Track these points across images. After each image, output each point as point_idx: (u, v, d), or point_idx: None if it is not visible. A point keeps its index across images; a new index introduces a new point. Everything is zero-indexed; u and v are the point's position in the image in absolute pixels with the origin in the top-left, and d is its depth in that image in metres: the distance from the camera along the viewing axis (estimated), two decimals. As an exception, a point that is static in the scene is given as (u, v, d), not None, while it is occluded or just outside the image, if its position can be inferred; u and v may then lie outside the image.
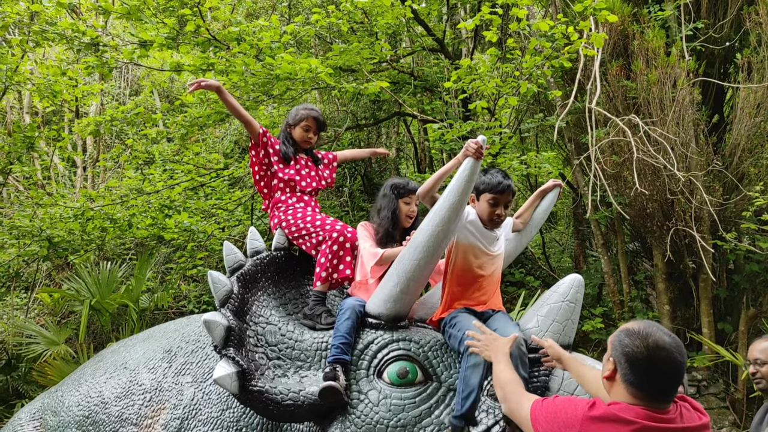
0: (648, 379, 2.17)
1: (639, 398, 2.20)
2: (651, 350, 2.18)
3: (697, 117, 7.54)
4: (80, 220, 8.39)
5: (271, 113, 10.37)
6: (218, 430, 3.44)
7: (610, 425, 2.15)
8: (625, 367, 2.22)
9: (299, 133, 4.23)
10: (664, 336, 2.22)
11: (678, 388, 2.22)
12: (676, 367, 2.17)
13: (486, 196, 3.53)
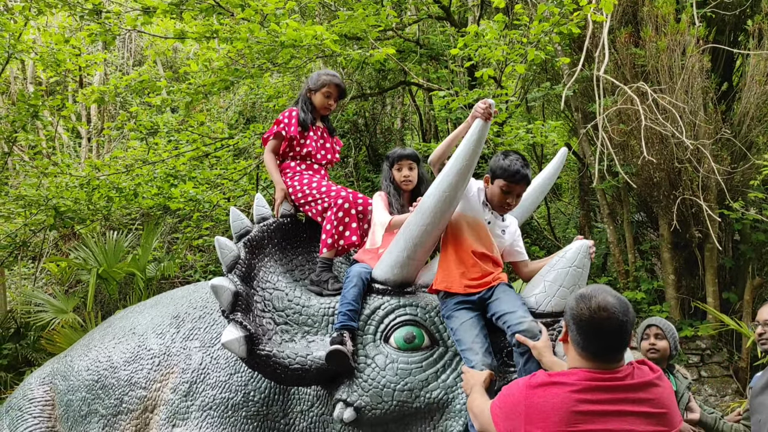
0: (592, 339, 2.26)
1: (586, 359, 2.28)
2: (593, 311, 2.25)
3: (707, 85, 7.46)
4: (86, 190, 8.40)
5: (275, 84, 10.29)
6: (226, 393, 3.47)
7: (550, 388, 2.21)
8: (573, 329, 2.31)
9: (320, 99, 4.19)
10: (608, 297, 2.28)
11: (625, 347, 2.28)
12: (618, 326, 2.24)
13: (500, 182, 3.41)
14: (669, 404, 2.27)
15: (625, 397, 2.19)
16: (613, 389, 2.19)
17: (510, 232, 3.62)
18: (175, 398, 3.55)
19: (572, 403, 2.15)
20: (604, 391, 2.18)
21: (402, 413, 3.17)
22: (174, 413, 3.52)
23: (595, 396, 2.17)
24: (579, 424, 2.12)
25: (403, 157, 3.99)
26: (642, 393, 2.22)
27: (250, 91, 11.29)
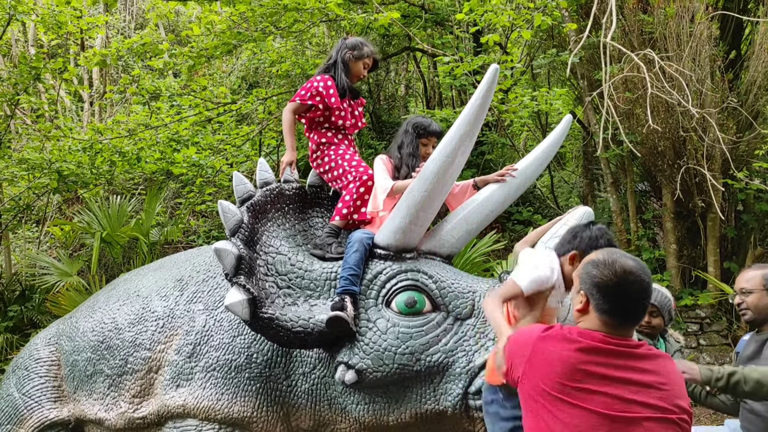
0: (620, 303, 2.23)
1: (611, 325, 2.25)
2: (620, 276, 2.23)
3: (714, 53, 7.37)
4: (89, 153, 8.39)
5: (278, 49, 10.19)
6: (230, 355, 3.52)
7: (561, 342, 2.22)
8: (597, 298, 2.26)
9: (358, 68, 4.13)
10: (628, 260, 2.27)
11: (645, 310, 2.29)
12: (644, 288, 2.24)
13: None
14: (675, 382, 2.23)
15: (633, 366, 2.18)
16: (622, 355, 2.19)
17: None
18: (179, 359, 3.60)
19: (579, 360, 2.16)
20: (614, 356, 2.18)
21: (402, 376, 3.21)
22: (178, 374, 3.57)
23: (603, 359, 2.17)
24: (580, 382, 2.13)
25: (435, 134, 3.94)
26: (650, 364, 2.21)
27: (253, 56, 11.19)
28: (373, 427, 3.37)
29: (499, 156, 10.87)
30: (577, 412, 2.11)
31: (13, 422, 4.07)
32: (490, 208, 3.73)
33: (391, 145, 4.11)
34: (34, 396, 4.06)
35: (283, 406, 3.47)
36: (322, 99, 3.97)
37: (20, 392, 4.11)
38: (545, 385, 2.17)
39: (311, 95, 3.97)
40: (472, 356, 3.18)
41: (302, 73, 9.76)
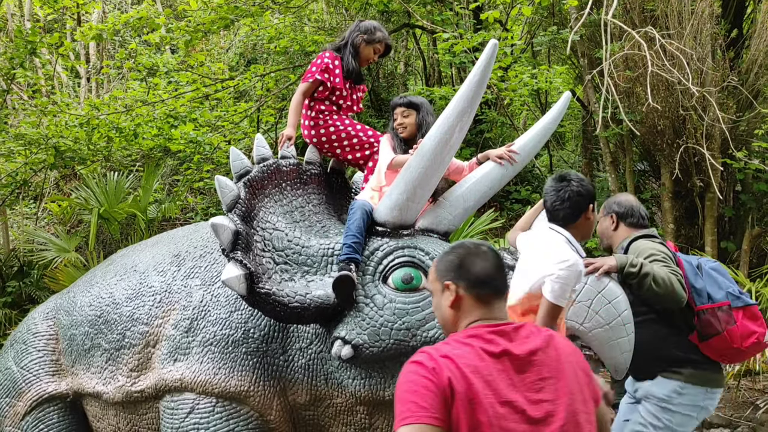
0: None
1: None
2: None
3: (716, 31, 7.32)
4: (86, 129, 8.35)
5: (276, 25, 10.11)
6: (227, 330, 3.53)
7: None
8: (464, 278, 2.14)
9: (368, 53, 4.07)
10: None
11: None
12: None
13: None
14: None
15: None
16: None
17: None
18: (177, 334, 3.62)
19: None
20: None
21: (399, 351, 3.22)
22: (175, 348, 3.59)
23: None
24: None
25: (396, 105, 3.95)
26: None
27: (251, 32, 11.10)
28: (369, 401, 3.40)
29: (498, 134, 10.83)
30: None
31: (12, 395, 4.10)
32: (488, 185, 3.72)
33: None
34: (33, 369, 4.08)
35: (280, 380, 3.50)
36: (328, 77, 3.94)
37: (18, 366, 4.13)
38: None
39: (321, 71, 3.94)
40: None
41: (300, 50, 9.68)
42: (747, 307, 3.39)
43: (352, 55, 4.05)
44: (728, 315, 3.36)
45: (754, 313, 3.40)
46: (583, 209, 3.08)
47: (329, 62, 3.96)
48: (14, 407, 4.08)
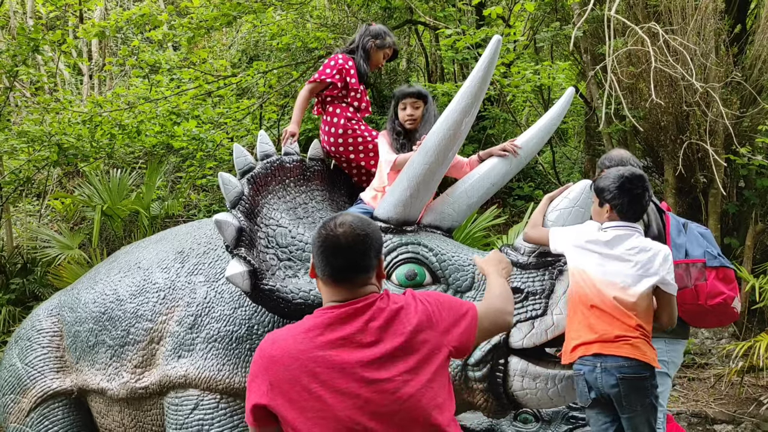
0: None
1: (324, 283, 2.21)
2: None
3: (719, 26, 7.30)
4: (88, 126, 8.36)
5: (279, 21, 10.09)
6: (231, 326, 3.53)
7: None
8: (314, 256, 2.23)
9: (378, 57, 4.16)
10: (347, 218, 2.22)
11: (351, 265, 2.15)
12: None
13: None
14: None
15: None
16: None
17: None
18: (181, 330, 3.62)
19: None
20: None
21: (403, 348, 3.22)
22: (180, 345, 3.59)
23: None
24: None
25: (408, 95, 3.93)
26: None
27: (253, 28, 11.09)
28: (373, 397, 3.40)
29: (501, 131, 10.82)
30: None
31: (17, 392, 4.11)
32: (492, 181, 3.72)
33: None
34: (37, 366, 4.09)
35: (284, 376, 3.50)
36: (342, 77, 4.00)
37: (23, 362, 4.14)
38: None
39: (335, 74, 4.00)
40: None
41: (303, 46, 9.67)
42: (721, 268, 3.36)
43: (363, 58, 4.12)
44: (700, 272, 3.36)
45: (728, 276, 3.37)
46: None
47: (344, 63, 4.03)
48: (19, 404, 4.09)
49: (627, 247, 2.99)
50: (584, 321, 2.97)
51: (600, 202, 3.13)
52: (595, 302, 2.96)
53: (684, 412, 6.25)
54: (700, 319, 3.48)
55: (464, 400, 3.28)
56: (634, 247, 2.99)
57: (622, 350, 2.91)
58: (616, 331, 2.92)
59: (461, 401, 3.31)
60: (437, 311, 2.21)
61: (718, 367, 7.01)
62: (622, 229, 3.04)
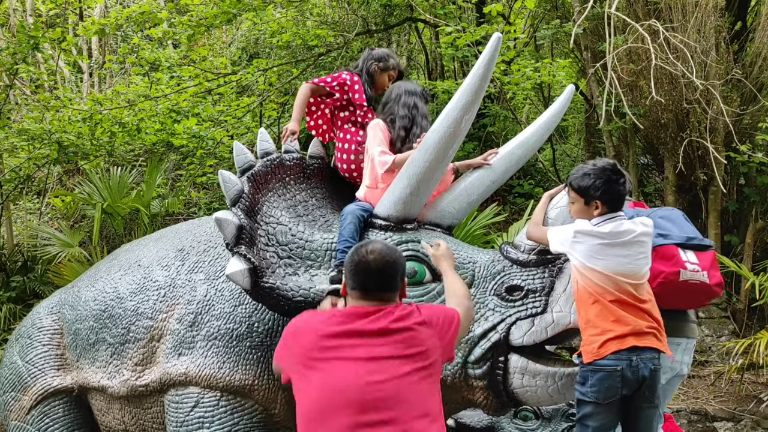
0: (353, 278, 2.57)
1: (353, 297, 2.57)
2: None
3: (720, 24, 7.30)
4: (88, 124, 8.35)
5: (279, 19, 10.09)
6: (231, 324, 3.54)
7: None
8: (347, 276, 2.60)
9: (383, 80, 4.13)
10: (376, 245, 2.61)
11: (380, 286, 2.56)
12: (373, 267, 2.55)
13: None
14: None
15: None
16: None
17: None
18: (181, 328, 3.62)
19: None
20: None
21: (403, 345, 3.23)
22: (180, 342, 3.60)
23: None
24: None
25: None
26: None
27: (253, 26, 11.08)
28: (373, 395, 3.40)
29: (501, 128, 10.81)
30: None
31: (17, 390, 4.11)
32: (492, 179, 3.72)
33: (385, 114, 3.94)
34: (38, 364, 4.10)
35: (284, 374, 3.50)
36: (343, 92, 4.03)
37: (24, 360, 4.14)
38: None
39: (335, 85, 4.03)
40: (471, 326, 3.20)
41: (303, 44, 9.67)
42: (658, 248, 3.30)
43: (368, 83, 4.13)
44: None
45: (665, 254, 3.31)
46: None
47: (347, 78, 4.06)
48: (20, 401, 4.10)
49: (625, 237, 3.01)
50: (609, 315, 2.95)
51: (586, 201, 3.12)
52: (616, 295, 2.95)
53: (684, 410, 6.26)
54: (669, 302, 3.37)
55: (464, 398, 3.29)
56: (628, 234, 3.02)
57: (653, 342, 2.94)
58: (644, 322, 2.94)
59: (461, 399, 3.32)
60: (436, 316, 2.58)
61: (718, 365, 7.02)
62: (615, 220, 3.06)
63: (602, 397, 2.95)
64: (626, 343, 2.91)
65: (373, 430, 2.28)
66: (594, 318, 2.97)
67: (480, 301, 3.26)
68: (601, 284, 2.96)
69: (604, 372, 2.92)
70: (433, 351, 2.47)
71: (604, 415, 2.98)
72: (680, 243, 3.37)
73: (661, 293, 3.26)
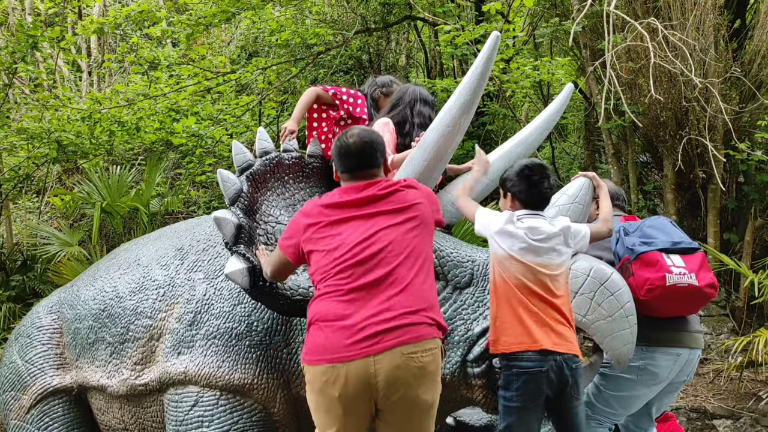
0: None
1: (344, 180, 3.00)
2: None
3: (719, 22, 7.29)
4: (88, 123, 8.35)
5: (278, 18, 10.08)
6: (230, 323, 3.54)
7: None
8: (335, 163, 3.08)
9: (385, 105, 4.18)
10: (355, 130, 3.00)
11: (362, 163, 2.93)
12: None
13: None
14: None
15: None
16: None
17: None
18: (180, 327, 3.63)
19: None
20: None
21: (401, 343, 3.23)
22: (179, 342, 3.60)
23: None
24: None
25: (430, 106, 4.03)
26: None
27: (252, 25, 11.07)
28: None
29: (500, 127, 10.81)
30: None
31: (17, 389, 4.12)
32: (490, 177, 3.71)
33: (390, 114, 4.00)
34: (37, 363, 4.10)
35: (284, 373, 3.51)
36: (344, 108, 4.16)
37: (23, 359, 4.15)
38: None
39: (341, 98, 4.17)
40: (470, 324, 3.20)
41: (302, 43, 9.67)
42: (641, 255, 3.34)
43: (373, 107, 4.26)
44: (626, 269, 3.37)
45: (649, 261, 3.33)
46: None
47: (350, 96, 4.20)
48: (19, 401, 4.10)
49: (541, 235, 3.06)
50: (524, 310, 2.97)
51: (504, 193, 3.26)
52: (531, 288, 2.99)
53: (683, 407, 6.26)
54: (656, 311, 3.40)
55: (463, 396, 3.29)
56: (543, 233, 3.07)
57: (567, 347, 2.97)
58: (555, 320, 2.98)
59: (460, 397, 3.32)
60: (419, 185, 2.99)
61: (717, 363, 7.02)
62: (533, 217, 3.12)
63: (528, 399, 2.95)
64: (544, 343, 2.93)
65: (370, 275, 2.68)
66: (510, 310, 2.99)
67: (479, 299, 3.26)
68: (519, 275, 2.99)
69: (528, 375, 2.93)
70: (422, 207, 2.85)
71: (529, 418, 2.98)
72: (664, 248, 3.37)
73: (650, 300, 3.29)
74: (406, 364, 2.58)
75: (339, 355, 2.59)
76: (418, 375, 2.61)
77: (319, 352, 2.65)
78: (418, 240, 2.79)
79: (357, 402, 2.61)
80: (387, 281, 2.68)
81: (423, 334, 2.64)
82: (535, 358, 2.92)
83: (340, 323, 2.63)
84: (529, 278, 2.99)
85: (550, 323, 2.96)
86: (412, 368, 2.59)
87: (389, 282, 2.68)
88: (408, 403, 2.61)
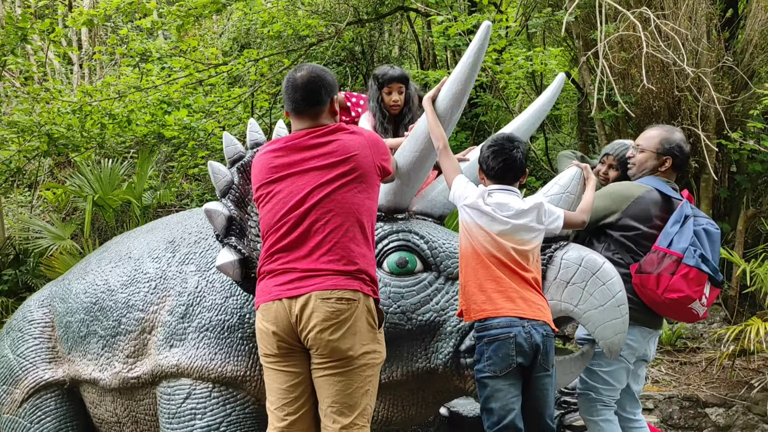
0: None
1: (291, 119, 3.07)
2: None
3: (711, 11, 7.29)
4: (78, 116, 8.29)
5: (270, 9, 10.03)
6: (222, 315, 3.53)
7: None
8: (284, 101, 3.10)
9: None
10: (305, 65, 3.05)
11: (306, 98, 2.95)
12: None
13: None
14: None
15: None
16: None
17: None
18: (172, 320, 3.62)
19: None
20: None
21: (394, 335, 3.24)
22: (171, 334, 3.59)
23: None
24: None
25: (394, 80, 3.91)
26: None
27: (243, 16, 11.01)
28: (365, 385, 3.40)
29: (493, 118, 10.80)
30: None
31: (9, 383, 4.10)
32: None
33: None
34: (29, 357, 4.08)
35: (276, 365, 3.50)
36: (359, 112, 4.16)
37: (15, 353, 4.13)
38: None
39: (352, 104, 4.22)
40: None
41: (294, 34, 9.61)
42: (694, 269, 3.35)
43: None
44: (672, 264, 3.36)
45: (696, 278, 3.36)
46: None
47: (356, 101, 4.23)
48: (11, 395, 4.09)
49: (510, 211, 3.10)
50: (492, 278, 3.02)
51: (479, 169, 3.30)
52: (501, 258, 3.03)
53: (676, 396, 6.30)
54: (657, 308, 3.49)
55: (456, 387, 3.30)
56: (514, 209, 3.11)
57: (539, 314, 3.01)
58: (528, 292, 3.02)
59: (453, 387, 3.33)
60: (369, 132, 3.08)
61: (710, 351, 7.06)
62: (504, 192, 3.16)
63: (499, 368, 2.96)
64: (509, 311, 2.97)
65: (302, 240, 2.84)
66: (479, 278, 3.04)
67: (471, 290, 3.26)
68: (486, 245, 3.04)
69: (497, 341, 2.96)
70: (360, 157, 2.87)
71: (505, 391, 2.97)
72: (710, 275, 3.42)
73: (659, 302, 3.39)
74: (320, 307, 2.74)
75: (270, 296, 2.85)
76: (331, 319, 2.74)
77: (258, 297, 2.95)
78: (351, 195, 2.85)
79: (285, 336, 2.82)
80: (314, 240, 2.82)
81: (341, 284, 2.78)
82: (503, 324, 2.96)
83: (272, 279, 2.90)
84: (497, 249, 3.04)
85: (518, 289, 3.00)
86: (325, 311, 2.74)
87: (317, 241, 2.82)
88: (325, 347, 2.75)
